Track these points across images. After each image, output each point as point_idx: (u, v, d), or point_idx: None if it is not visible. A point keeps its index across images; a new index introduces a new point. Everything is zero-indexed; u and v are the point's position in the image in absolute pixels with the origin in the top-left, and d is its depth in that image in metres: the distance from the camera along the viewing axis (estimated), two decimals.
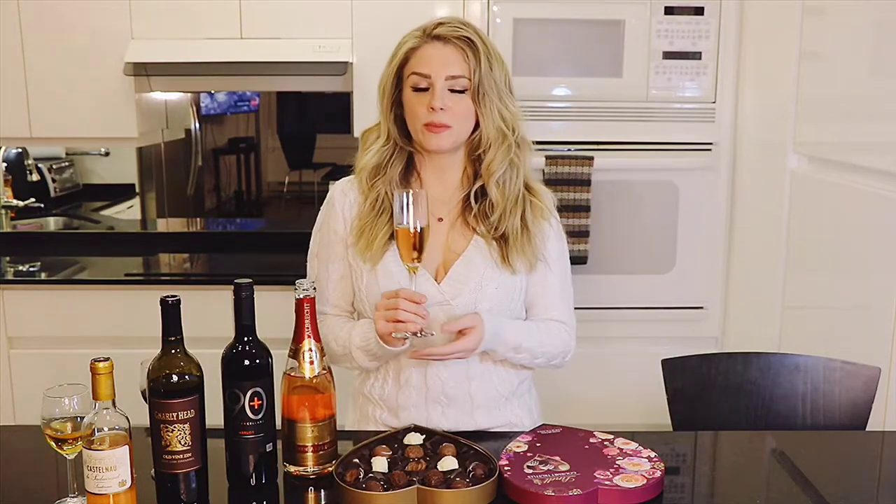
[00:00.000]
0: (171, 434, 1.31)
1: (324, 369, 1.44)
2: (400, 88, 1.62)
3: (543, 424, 1.60)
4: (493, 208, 1.62)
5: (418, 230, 1.50)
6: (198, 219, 4.32)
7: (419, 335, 1.52)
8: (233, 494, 1.40)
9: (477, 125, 1.61)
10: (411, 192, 1.51)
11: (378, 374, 1.69)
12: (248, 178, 5.46)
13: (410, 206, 1.50)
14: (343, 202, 1.68)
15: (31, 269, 3.00)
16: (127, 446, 1.24)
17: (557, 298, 1.71)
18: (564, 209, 2.69)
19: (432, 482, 1.33)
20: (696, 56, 2.82)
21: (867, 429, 1.79)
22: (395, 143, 1.65)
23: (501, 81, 1.60)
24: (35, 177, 3.74)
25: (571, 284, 1.75)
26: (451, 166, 1.67)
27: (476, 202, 1.64)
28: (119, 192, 4.14)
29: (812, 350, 1.92)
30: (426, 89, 1.57)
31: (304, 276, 1.71)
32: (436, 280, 1.63)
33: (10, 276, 2.90)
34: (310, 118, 5.60)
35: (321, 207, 1.74)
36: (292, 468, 1.43)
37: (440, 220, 1.67)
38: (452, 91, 1.57)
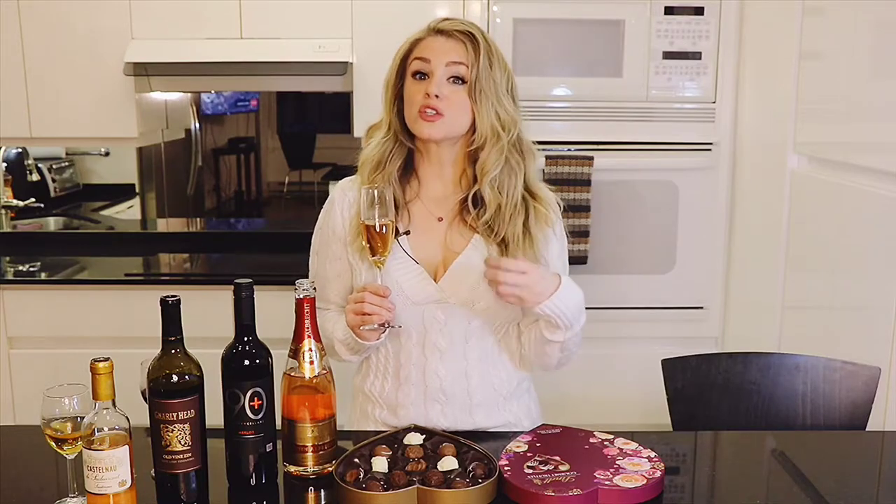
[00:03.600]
0: (171, 434, 1.31)
1: (324, 369, 1.44)
2: (403, 80, 1.63)
3: (543, 424, 1.60)
4: (487, 210, 1.63)
5: (384, 226, 1.52)
6: (198, 219, 4.31)
7: (386, 327, 1.55)
8: (233, 494, 1.40)
9: (475, 124, 1.62)
10: (378, 188, 1.53)
11: (377, 372, 1.70)
12: (248, 178, 5.45)
13: (377, 203, 1.52)
14: (342, 201, 1.70)
15: (31, 269, 3.00)
16: (127, 446, 1.24)
17: None
18: (564, 209, 2.69)
19: (432, 482, 1.33)
20: (696, 56, 2.82)
21: (867, 429, 1.79)
22: (395, 136, 1.66)
23: (502, 83, 1.60)
24: (35, 177, 3.73)
25: None
26: (450, 164, 1.67)
27: (475, 207, 1.64)
28: (119, 192, 4.14)
29: (812, 350, 1.92)
30: (426, 77, 1.58)
31: (305, 276, 1.72)
32: (434, 279, 1.63)
33: (10, 276, 2.90)
34: (310, 118, 5.59)
35: (323, 206, 1.75)
36: (292, 468, 1.43)
37: (440, 219, 1.67)
38: (451, 81, 1.58)
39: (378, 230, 1.52)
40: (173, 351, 1.33)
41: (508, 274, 1.50)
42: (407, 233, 1.64)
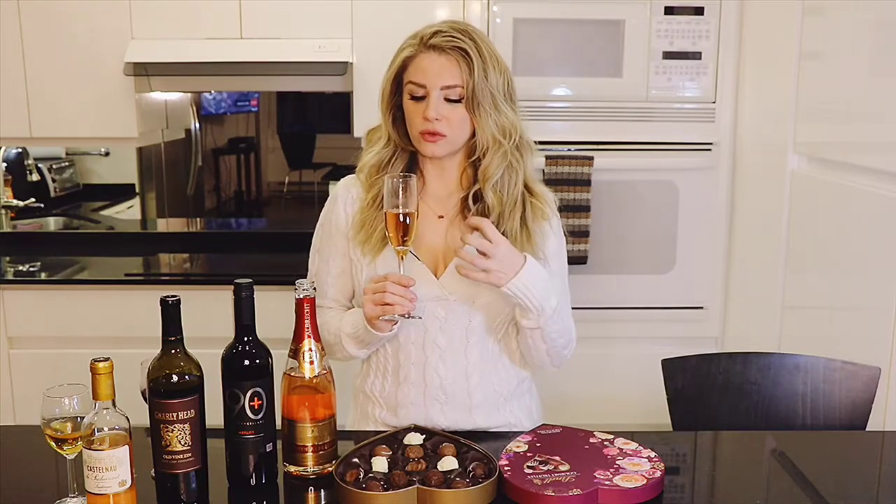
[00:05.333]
0: (171, 434, 1.31)
1: (324, 369, 1.44)
2: (400, 93, 1.63)
3: (543, 424, 1.60)
4: (490, 212, 1.63)
5: (407, 214, 1.51)
6: (198, 219, 4.31)
7: (406, 318, 1.53)
8: (233, 494, 1.40)
9: (474, 131, 1.62)
10: (402, 176, 1.52)
11: (377, 371, 1.70)
12: (248, 178, 5.45)
13: (400, 191, 1.51)
14: (346, 197, 1.70)
15: (31, 269, 3.00)
16: (127, 446, 1.24)
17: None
18: (564, 209, 2.69)
19: (432, 482, 1.33)
20: (696, 56, 2.82)
21: (867, 429, 1.79)
22: (395, 145, 1.67)
23: (498, 88, 1.59)
24: (35, 177, 3.73)
25: (568, 284, 1.75)
26: (452, 166, 1.68)
27: (474, 204, 1.64)
28: (119, 192, 4.14)
29: (812, 350, 1.92)
30: (423, 98, 1.58)
31: (304, 276, 1.72)
32: (435, 276, 1.64)
33: (10, 276, 2.90)
34: (310, 118, 5.59)
35: (325, 204, 1.75)
36: (292, 468, 1.43)
37: (441, 217, 1.68)
38: (448, 100, 1.58)
39: (402, 217, 1.51)
40: (173, 351, 1.33)
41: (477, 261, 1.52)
42: None
